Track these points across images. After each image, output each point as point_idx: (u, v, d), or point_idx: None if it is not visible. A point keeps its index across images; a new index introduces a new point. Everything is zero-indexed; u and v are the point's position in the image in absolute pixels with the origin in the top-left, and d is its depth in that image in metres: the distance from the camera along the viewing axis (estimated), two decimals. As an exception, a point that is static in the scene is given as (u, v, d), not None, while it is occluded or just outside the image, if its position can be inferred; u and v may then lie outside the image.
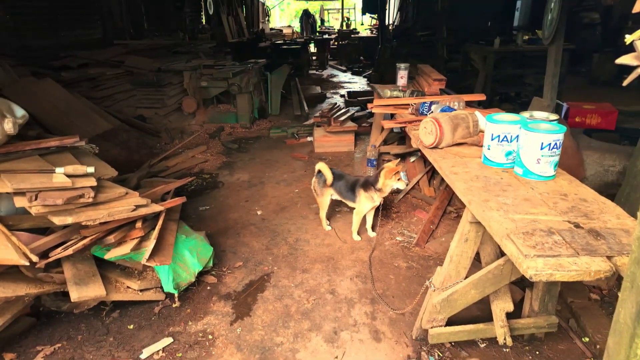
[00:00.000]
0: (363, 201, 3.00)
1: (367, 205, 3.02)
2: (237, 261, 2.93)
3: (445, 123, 2.15)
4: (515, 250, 1.33)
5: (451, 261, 1.92)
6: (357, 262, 2.90)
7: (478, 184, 1.80)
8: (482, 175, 1.90)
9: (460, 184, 1.81)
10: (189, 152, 5.20)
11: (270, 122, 6.84)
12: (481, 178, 1.86)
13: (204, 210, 3.76)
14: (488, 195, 1.68)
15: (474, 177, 1.87)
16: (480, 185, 1.78)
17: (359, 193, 3.00)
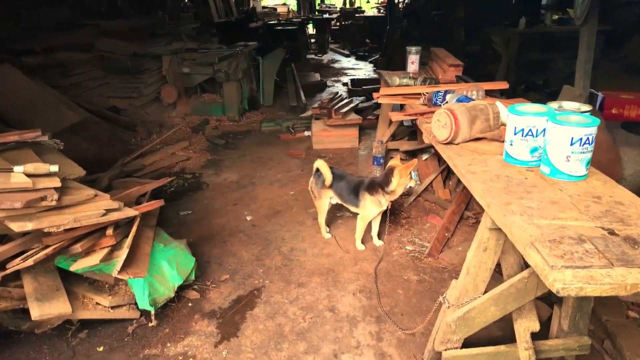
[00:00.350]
0: (369, 206, 3.00)
1: (374, 210, 3.02)
2: (223, 273, 2.94)
3: (462, 115, 2.15)
4: (540, 261, 1.33)
5: (468, 273, 1.91)
6: (361, 274, 2.90)
7: (499, 184, 1.80)
8: (503, 174, 1.89)
9: (478, 184, 1.81)
10: (169, 148, 5.22)
11: (262, 115, 6.87)
12: (502, 178, 1.86)
13: (186, 215, 3.77)
14: (510, 198, 1.68)
15: (494, 177, 1.86)
16: (501, 186, 1.77)
17: (364, 196, 2.99)
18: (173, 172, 4.66)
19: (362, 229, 3.12)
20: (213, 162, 5.04)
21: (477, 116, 2.18)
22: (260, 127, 6.21)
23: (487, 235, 1.82)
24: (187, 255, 2.71)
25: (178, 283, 2.55)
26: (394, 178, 2.86)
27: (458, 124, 2.15)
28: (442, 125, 2.20)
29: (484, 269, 1.91)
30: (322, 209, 3.23)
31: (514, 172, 1.91)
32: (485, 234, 1.82)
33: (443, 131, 2.21)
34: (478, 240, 1.87)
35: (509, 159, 1.99)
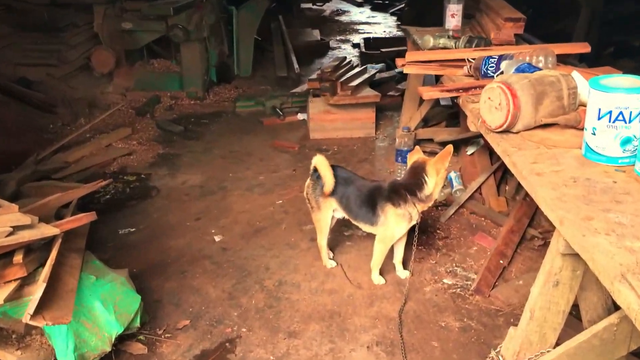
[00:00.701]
0: (394, 223, 2.98)
1: (401, 228, 3.02)
2: (181, 318, 2.93)
3: (523, 91, 2.16)
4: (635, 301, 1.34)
5: (532, 318, 1.92)
6: (379, 320, 2.90)
7: (575, 191, 1.81)
8: (582, 176, 1.90)
9: (546, 191, 1.82)
10: (103, 138, 5.24)
11: (236, 90, 6.90)
12: (581, 182, 1.87)
13: (127, 234, 3.77)
14: (592, 210, 1.69)
15: (569, 181, 1.87)
16: (580, 194, 1.79)
17: (385, 209, 2.98)
18: (109, 173, 4.67)
19: (382, 255, 3.14)
20: (166, 158, 5.04)
21: (546, 93, 2.19)
22: (235, 107, 6.23)
23: (560, 263, 1.83)
24: (129, 291, 2.70)
25: (117, 332, 2.53)
26: (428, 177, 2.87)
27: (518, 104, 2.16)
28: (495, 106, 2.21)
29: (555, 312, 1.91)
30: (322, 226, 3.25)
31: (597, 174, 1.92)
32: (557, 262, 1.83)
33: (496, 114, 2.22)
34: (546, 270, 1.88)
35: (590, 154, 2.01)
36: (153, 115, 5.98)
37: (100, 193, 4.30)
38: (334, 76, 5.20)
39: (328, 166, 3.09)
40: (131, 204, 4.20)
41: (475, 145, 4.27)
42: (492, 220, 3.76)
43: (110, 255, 3.48)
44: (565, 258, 1.81)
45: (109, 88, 6.38)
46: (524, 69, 2.54)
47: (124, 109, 6.04)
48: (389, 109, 6.04)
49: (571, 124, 2.18)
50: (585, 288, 2.11)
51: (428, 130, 4.61)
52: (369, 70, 5.89)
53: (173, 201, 4.24)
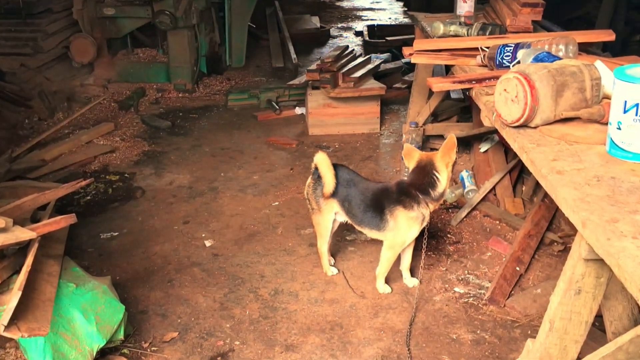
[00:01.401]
0: (405, 227, 2.99)
1: (414, 231, 3.03)
2: (168, 330, 2.94)
3: (542, 82, 2.16)
4: (664, 310, 1.34)
5: (552, 330, 1.92)
6: (385, 332, 2.91)
7: (600, 191, 1.81)
8: (606, 175, 1.90)
9: (567, 191, 1.82)
10: (83, 134, 5.24)
11: (228, 81, 6.90)
12: (605, 181, 1.87)
13: (110, 238, 3.78)
14: (618, 212, 1.69)
15: (593, 180, 1.88)
16: (604, 194, 1.79)
17: (395, 213, 2.98)
18: (90, 172, 4.67)
19: (389, 262, 3.14)
20: (152, 155, 5.05)
21: (566, 84, 2.19)
22: (227, 101, 6.24)
23: (582, 270, 1.83)
24: (112, 301, 2.70)
25: (98, 345, 2.53)
26: (440, 173, 2.90)
27: (536, 96, 2.16)
28: (512, 99, 2.21)
29: (577, 323, 1.91)
30: (322, 230, 3.26)
31: (623, 172, 1.92)
32: (579, 269, 1.83)
33: (513, 107, 2.22)
34: (567, 277, 1.88)
35: (615, 150, 2.01)
36: (137, 109, 5.98)
37: (80, 194, 4.30)
38: (335, 67, 5.20)
39: (329, 165, 3.09)
40: (113, 206, 4.20)
41: (489, 142, 4.27)
42: (508, 224, 3.76)
43: (90, 262, 3.49)
44: (588, 264, 1.81)
45: (90, 80, 6.37)
46: (542, 59, 2.55)
47: (105, 103, 6.04)
48: (395, 102, 6.04)
49: (594, 118, 2.18)
50: (610, 297, 2.11)
51: (438, 125, 4.61)
52: (373, 60, 5.89)
53: (159, 203, 4.24)
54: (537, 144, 2.16)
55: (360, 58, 5.76)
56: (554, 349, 1.96)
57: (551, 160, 2.02)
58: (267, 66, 7.41)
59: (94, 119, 5.66)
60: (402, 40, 7.24)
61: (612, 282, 2.00)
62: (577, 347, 1.97)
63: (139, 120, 5.75)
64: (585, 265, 1.82)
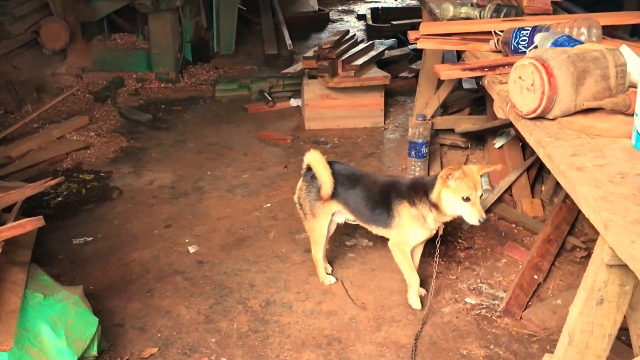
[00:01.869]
0: (407, 224, 3.01)
1: (415, 233, 3.03)
2: (147, 345, 2.93)
3: (561, 69, 2.15)
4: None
5: (571, 343, 1.91)
6: (388, 347, 2.90)
7: (624, 189, 1.80)
8: (632, 171, 1.89)
9: (588, 189, 1.81)
10: (54, 128, 5.21)
11: (216, 70, 6.89)
12: (631, 178, 1.86)
13: (83, 243, 3.76)
14: (644, 213, 1.69)
15: (616, 177, 1.87)
16: (629, 192, 1.77)
17: (400, 208, 3.01)
18: (62, 171, 4.65)
19: (404, 265, 3.09)
20: (130, 152, 5.03)
21: (588, 71, 2.18)
22: (214, 91, 6.23)
23: (604, 277, 1.82)
24: (84, 312, 2.69)
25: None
26: (437, 182, 2.86)
27: (554, 84, 2.15)
28: (527, 87, 2.20)
29: (600, 336, 1.90)
30: (317, 237, 3.25)
31: (651, 168, 1.92)
32: (601, 276, 1.82)
33: (528, 97, 2.21)
34: (589, 285, 1.87)
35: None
36: (115, 101, 5.97)
37: (50, 195, 4.29)
38: (334, 53, 5.20)
39: (325, 164, 3.08)
40: (88, 208, 4.18)
41: (504, 137, 4.26)
42: (525, 227, 3.76)
43: (61, 270, 3.47)
44: (612, 270, 1.80)
45: (62, 68, 6.36)
46: (562, 43, 2.53)
47: (79, 94, 6.03)
48: (401, 93, 6.03)
49: (619, 108, 2.17)
50: (636, 307, 2.10)
51: (448, 118, 4.60)
52: (376, 46, 5.88)
53: (138, 205, 4.23)
54: (556, 137, 2.15)
55: (363, 44, 5.75)
56: (574, 365, 1.95)
57: (570, 155, 2.01)
58: (259, 53, 7.40)
59: (66, 112, 5.64)
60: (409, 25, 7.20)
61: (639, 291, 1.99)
62: (600, 363, 1.96)
63: (116, 113, 5.74)
64: (608, 271, 1.80)
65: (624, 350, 2.61)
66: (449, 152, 4.69)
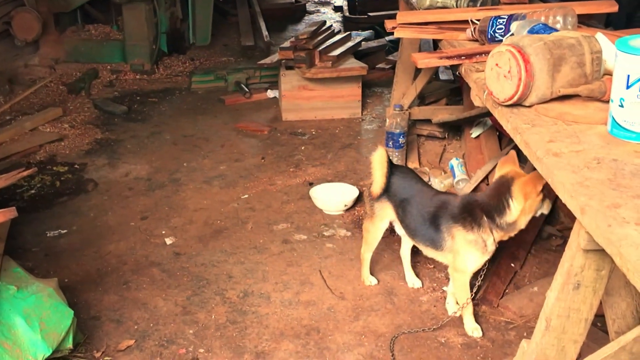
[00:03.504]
0: (463, 250, 2.78)
1: (474, 258, 2.79)
2: (124, 337, 2.92)
3: (538, 56, 2.16)
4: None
5: (548, 328, 1.92)
6: (367, 336, 2.91)
7: (600, 174, 1.81)
8: (608, 157, 1.90)
9: (565, 175, 1.81)
10: (27, 120, 5.17)
11: (192, 62, 6.86)
12: (607, 163, 1.87)
13: (57, 236, 3.74)
14: (619, 197, 1.68)
15: (593, 162, 1.88)
16: (605, 177, 1.78)
17: (453, 232, 2.79)
18: (35, 163, 4.61)
19: (461, 289, 2.90)
20: (105, 144, 5.00)
21: (564, 58, 2.18)
22: (190, 83, 6.20)
23: (581, 261, 1.83)
24: (59, 305, 2.66)
25: (44, 355, 2.50)
26: (514, 200, 2.63)
27: (531, 71, 2.16)
28: (504, 74, 2.20)
29: (576, 321, 1.91)
30: (369, 237, 3.15)
31: (626, 154, 1.92)
32: (578, 260, 1.83)
33: (505, 84, 2.21)
34: (565, 271, 1.88)
35: (617, 130, 2.01)
36: (89, 92, 5.92)
37: (23, 187, 4.25)
38: (311, 44, 5.19)
39: (383, 163, 2.95)
40: (62, 200, 4.15)
41: (481, 127, 4.29)
42: (502, 217, 3.78)
43: (35, 263, 3.44)
44: (588, 255, 1.81)
45: (34, 60, 6.30)
46: (538, 31, 2.54)
47: (52, 85, 5.98)
48: (378, 84, 6.05)
49: (595, 95, 2.18)
50: (612, 293, 2.12)
51: (425, 109, 4.62)
52: (353, 37, 5.89)
53: (113, 197, 4.20)
54: (532, 124, 2.16)
55: (340, 35, 5.75)
56: (550, 350, 1.96)
57: (547, 141, 2.02)
58: (236, 45, 7.38)
59: (39, 104, 5.59)
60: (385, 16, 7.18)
61: (615, 276, 2.01)
62: (577, 348, 1.97)
63: (90, 105, 5.70)
64: (584, 256, 1.81)
65: (599, 336, 2.64)
66: (426, 142, 4.70)
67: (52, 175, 4.47)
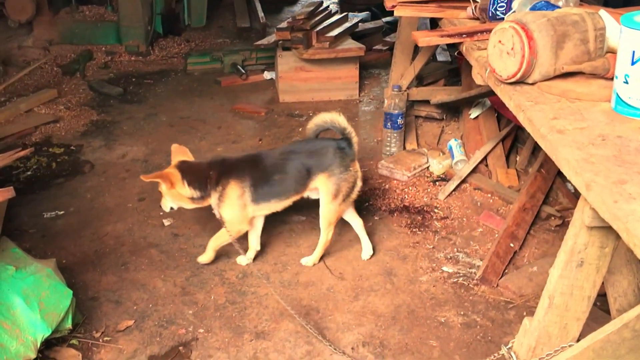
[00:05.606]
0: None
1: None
2: (123, 318, 2.92)
3: (541, 32, 2.14)
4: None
5: (551, 306, 1.92)
6: (366, 316, 2.92)
7: (605, 151, 1.80)
8: (612, 134, 1.90)
9: (570, 151, 1.81)
10: (22, 102, 5.14)
11: (187, 43, 6.83)
12: (612, 140, 1.87)
13: (54, 217, 3.73)
14: (625, 173, 1.68)
15: (597, 139, 1.87)
16: (610, 154, 1.78)
17: None
18: (30, 144, 4.59)
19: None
20: (101, 126, 4.97)
21: (568, 35, 2.17)
22: (186, 64, 6.17)
23: (585, 239, 1.83)
24: (57, 285, 2.66)
25: (43, 335, 2.50)
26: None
27: (534, 47, 2.15)
28: (507, 51, 2.19)
29: (579, 298, 1.92)
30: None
31: (630, 130, 1.92)
32: (582, 238, 1.83)
33: (508, 61, 2.20)
34: (569, 248, 1.88)
35: (622, 107, 2.01)
36: (84, 74, 5.90)
37: (20, 169, 4.24)
38: (309, 24, 5.16)
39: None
40: (58, 182, 4.14)
41: (480, 107, 4.27)
42: (501, 197, 3.78)
43: (32, 244, 3.44)
44: (592, 232, 1.81)
45: (28, 41, 6.26)
46: (540, 8, 2.53)
47: (47, 67, 5.96)
48: (375, 66, 6.02)
49: (598, 72, 2.17)
50: (614, 271, 2.12)
51: (423, 89, 4.60)
52: (350, 18, 5.85)
53: (110, 178, 4.18)
54: (536, 101, 2.15)
55: (337, 16, 5.71)
56: (553, 328, 1.97)
57: (551, 118, 2.02)
58: (231, 26, 7.34)
59: (34, 86, 5.56)
60: (384, -3, 7.19)
61: (617, 254, 2.01)
62: (579, 325, 1.98)
63: (85, 86, 5.67)
64: (588, 233, 1.82)
65: (599, 315, 2.65)
66: (424, 123, 4.69)
67: (48, 156, 4.44)
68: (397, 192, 3.90)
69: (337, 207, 3.16)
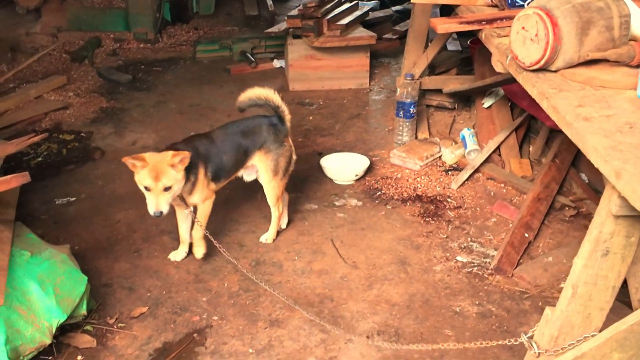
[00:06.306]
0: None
1: None
2: (137, 305, 2.92)
3: (566, 19, 2.12)
4: None
5: (575, 295, 1.91)
6: (381, 304, 2.91)
7: (633, 138, 1.79)
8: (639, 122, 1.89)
9: (597, 139, 1.79)
10: (31, 88, 5.13)
11: (196, 31, 6.81)
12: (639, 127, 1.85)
13: (66, 204, 3.73)
14: (653, 161, 1.67)
15: (624, 127, 1.85)
16: (638, 142, 1.76)
17: None
18: (40, 131, 4.56)
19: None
20: (111, 113, 4.97)
21: (592, 21, 2.15)
22: (194, 52, 6.16)
23: (611, 228, 1.81)
24: (72, 271, 2.67)
25: (58, 320, 2.50)
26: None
27: (558, 34, 2.12)
28: (531, 38, 2.17)
29: (603, 288, 1.90)
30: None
31: (658, 119, 1.91)
32: (608, 227, 1.81)
33: (532, 48, 2.18)
34: (594, 237, 1.86)
35: (648, 95, 1.99)
36: (92, 61, 5.90)
37: (30, 155, 4.25)
38: (319, 12, 5.14)
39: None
40: (69, 168, 4.15)
41: (493, 97, 4.25)
42: (514, 187, 3.77)
43: (45, 230, 3.44)
44: (618, 221, 1.79)
45: (36, 28, 6.27)
46: (563, -6, 2.51)
47: (55, 54, 5.97)
48: (385, 55, 6.01)
49: (623, 59, 2.16)
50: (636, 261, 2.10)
51: (435, 78, 4.58)
52: (360, 6, 5.82)
53: (120, 166, 4.12)
54: (559, 89, 2.13)
55: (347, 4, 5.68)
56: (576, 317, 1.95)
57: (576, 106, 2.00)
58: (239, 14, 7.33)
59: (42, 72, 5.58)
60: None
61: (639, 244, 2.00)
62: (603, 315, 1.96)
63: (94, 73, 5.68)
64: (614, 222, 1.80)
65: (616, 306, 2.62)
66: (436, 113, 4.67)
67: (58, 143, 4.45)
68: (409, 182, 3.88)
69: (280, 182, 3.25)
